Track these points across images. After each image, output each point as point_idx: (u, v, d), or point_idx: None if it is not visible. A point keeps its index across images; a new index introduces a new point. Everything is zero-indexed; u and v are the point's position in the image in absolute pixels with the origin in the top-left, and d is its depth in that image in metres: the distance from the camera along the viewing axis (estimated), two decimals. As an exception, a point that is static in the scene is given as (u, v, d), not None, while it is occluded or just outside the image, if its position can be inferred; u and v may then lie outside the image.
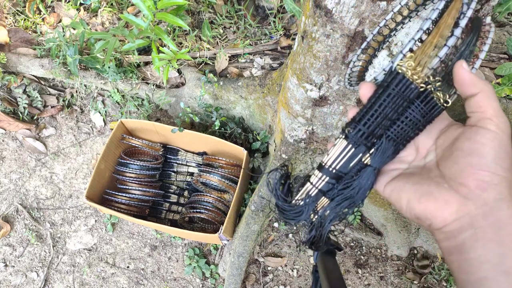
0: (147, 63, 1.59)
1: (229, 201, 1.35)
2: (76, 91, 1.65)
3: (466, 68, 0.31)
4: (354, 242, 1.42)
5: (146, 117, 1.57)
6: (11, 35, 1.63)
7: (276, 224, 1.45)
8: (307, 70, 0.79)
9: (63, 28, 1.66)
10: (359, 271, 1.38)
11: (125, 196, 1.33)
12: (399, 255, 1.39)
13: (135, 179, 1.36)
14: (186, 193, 1.49)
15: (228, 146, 1.32)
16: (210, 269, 1.40)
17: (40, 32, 1.66)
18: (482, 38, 0.34)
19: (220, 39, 1.55)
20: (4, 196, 1.55)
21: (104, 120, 1.64)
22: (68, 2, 1.70)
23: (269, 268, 1.41)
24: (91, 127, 1.65)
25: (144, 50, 1.60)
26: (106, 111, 1.64)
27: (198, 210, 1.34)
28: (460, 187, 0.30)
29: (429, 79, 0.33)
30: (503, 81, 1.02)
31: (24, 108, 1.59)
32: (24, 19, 1.69)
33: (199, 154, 1.49)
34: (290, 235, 1.45)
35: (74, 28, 1.49)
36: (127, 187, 1.35)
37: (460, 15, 0.32)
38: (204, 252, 1.45)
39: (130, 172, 1.36)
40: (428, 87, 0.33)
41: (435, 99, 0.34)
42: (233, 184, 1.38)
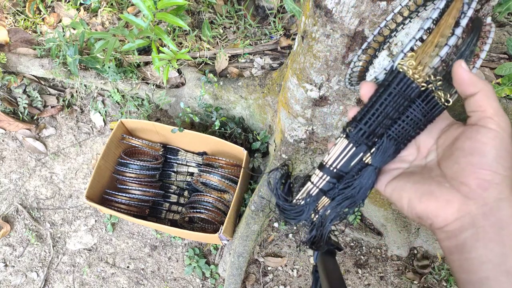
0: (147, 63, 1.59)
1: (229, 201, 1.35)
2: (76, 91, 1.65)
3: (465, 68, 0.31)
4: (354, 242, 1.42)
5: (146, 117, 1.57)
6: (11, 35, 1.63)
7: (276, 224, 1.44)
8: (307, 70, 0.79)
9: (63, 28, 1.66)
10: (359, 271, 1.38)
11: (125, 196, 1.33)
12: (399, 255, 1.39)
13: (135, 179, 1.36)
14: (186, 193, 1.49)
15: (228, 146, 1.32)
16: (210, 269, 1.40)
17: (40, 32, 1.66)
18: (483, 38, 0.34)
19: (220, 39, 1.55)
20: (4, 196, 1.54)
21: (104, 120, 1.64)
22: (68, 2, 1.70)
23: (269, 268, 1.41)
24: (91, 127, 1.65)
25: (144, 50, 1.60)
26: (106, 111, 1.64)
27: (198, 210, 1.34)
28: (461, 187, 0.30)
29: (430, 78, 0.33)
30: (503, 81, 1.02)
31: (24, 108, 1.59)
32: (24, 19, 1.69)
33: (199, 154, 1.49)
34: (290, 235, 1.45)
35: (74, 28, 1.49)
36: (127, 187, 1.35)
37: (460, 14, 0.32)
38: (204, 252, 1.45)
39: (130, 172, 1.36)
40: (429, 86, 0.33)
41: (436, 98, 0.33)
42: (233, 184, 1.38)
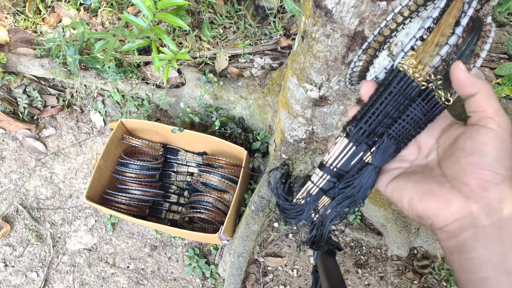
0: (147, 63, 1.59)
1: (229, 201, 1.35)
2: (76, 91, 1.65)
3: (463, 69, 0.31)
4: (354, 242, 1.42)
5: (146, 117, 1.57)
6: (11, 35, 1.63)
7: (276, 224, 1.44)
8: (307, 70, 0.79)
9: (63, 28, 1.65)
10: (359, 271, 1.38)
11: (125, 196, 1.33)
12: (399, 255, 1.39)
13: (135, 179, 1.36)
14: (186, 193, 1.49)
15: (228, 146, 1.32)
16: (210, 269, 1.40)
17: (40, 32, 1.66)
18: (483, 38, 0.34)
19: (220, 39, 1.55)
20: (4, 196, 1.54)
21: (104, 120, 1.64)
22: (68, 2, 1.70)
23: (269, 268, 1.41)
24: (91, 127, 1.65)
25: (144, 50, 1.60)
26: (106, 111, 1.64)
27: (198, 210, 1.34)
28: (461, 187, 0.30)
29: (430, 77, 0.33)
30: (503, 81, 1.02)
31: (24, 108, 1.59)
32: (24, 19, 1.69)
33: (199, 154, 1.49)
34: (290, 235, 1.45)
35: (74, 28, 1.49)
36: (127, 187, 1.35)
37: (461, 14, 0.32)
38: (204, 252, 1.45)
39: (130, 172, 1.36)
40: (430, 85, 0.33)
41: (436, 97, 0.33)
42: (233, 184, 1.38)
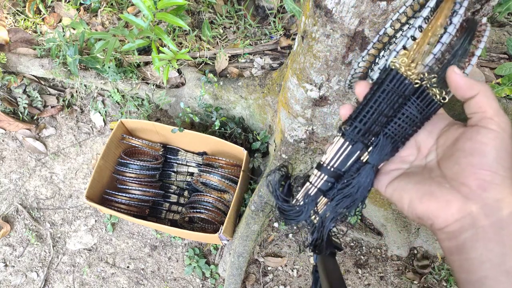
0: (147, 63, 1.59)
1: (229, 201, 1.35)
2: (76, 91, 1.65)
3: (458, 73, 0.31)
4: (354, 242, 1.42)
5: (146, 117, 1.57)
6: (11, 35, 1.63)
7: (276, 224, 1.44)
8: (307, 70, 0.79)
9: (63, 28, 1.65)
10: (359, 271, 1.38)
11: (125, 196, 1.33)
12: (399, 255, 1.39)
13: (135, 179, 1.36)
14: (186, 193, 1.49)
15: (228, 146, 1.32)
16: (210, 269, 1.40)
17: (40, 32, 1.66)
18: (478, 37, 0.34)
19: (220, 39, 1.55)
20: (4, 196, 1.55)
21: (104, 120, 1.64)
22: (68, 2, 1.70)
23: (269, 268, 1.41)
24: (91, 127, 1.65)
25: (144, 50, 1.60)
26: (106, 111, 1.64)
27: (198, 210, 1.34)
28: (461, 187, 0.30)
29: (424, 75, 0.33)
30: (503, 81, 1.02)
31: (24, 108, 1.59)
32: (24, 19, 1.69)
33: (199, 154, 1.49)
34: (290, 235, 1.45)
35: (74, 28, 1.49)
36: (127, 187, 1.35)
37: (453, 13, 0.32)
38: (204, 252, 1.45)
39: (130, 172, 1.36)
40: (423, 83, 0.33)
41: (431, 95, 0.34)
42: (233, 184, 1.38)
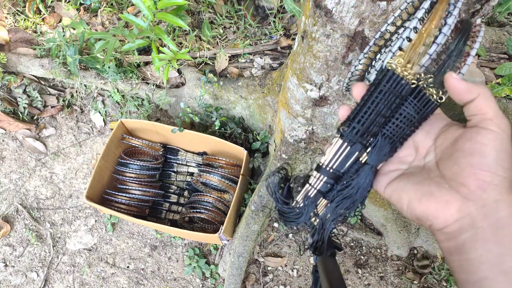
0: (147, 63, 1.59)
1: (229, 201, 1.35)
2: (76, 91, 1.65)
3: (456, 78, 0.32)
4: (354, 242, 1.42)
5: (146, 117, 1.57)
6: (11, 35, 1.63)
7: (276, 224, 1.45)
8: (307, 70, 0.79)
9: (63, 28, 1.66)
10: (359, 271, 1.38)
11: (125, 196, 1.33)
12: (399, 255, 1.39)
13: (135, 179, 1.36)
14: (186, 193, 1.49)
15: (228, 146, 1.32)
16: (210, 269, 1.40)
17: (40, 32, 1.66)
18: (473, 38, 0.34)
19: (220, 39, 1.55)
20: (4, 196, 1.55)
21: (104, 120, 1.64)
22: (68, 2, 1.70)
23: (269, 268, 1.41)
24: (91, 127, 1.65)
25: (144, 50, 1.60)
26: (106, 111, 1.64)
27: (198, 210, 1.34)
28: (460, 188, 0.30)
29: (420, 76, 0.33)
30: (503, 81, 1.02)
31: (24, 108, 1.59)
32: (24, 19, 1.69)
33: (199, 154, 1.49)
34: (290, 235, 1.45)
35: (74, 28, 1.49)
36: (127, 187, 1.35)
37: (447, 14, 0.33)
38: (204, 252, 1.45)
39: (130, 172, 1.36)
40: (420, 83, 0.33)
41: (428, 95, 0.34)
42: (233, 184, 1.38)
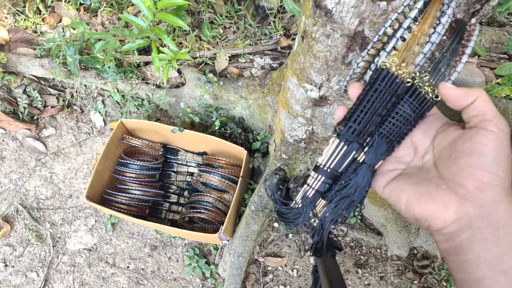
0: (147, 63, 1.59)
1: (229, 201, 1.35)
2: (76, 91, 1.65)
3: (451, 86, 0.32)
4: (354, 242, 1.42)
5: (146, 117, 1.57)
6: (11, 35, 1.63)
7: (276, 224, 1.45)
8: (307, 70, 0.79)
9: (63, 28, 1.66)
10: (359, 271, 1.38)
11: (125, 196, 1.33)
12: (399, 255, 1.39)
13: (135, 179, 1.36)
14: (186, 193, 1.49)
15: (228, 146, 1.32)
16: (210, 269, 1.40)
17: (40, 32, 1.66)
18: (468, 36, 0.34)
19: (220, 39, 1.55)
20: (4, 196, 1.55)
21: (104, 120, 1.64)
22: (68, 2, 1.70)
23: (269, 268, 1.41)
24: (91, 127, 1.65)
25: (144, 50, 1.60)
26: (106, 111, 1.64)
27: (198, 210, 1.34)
28: (458, 188, 0.30)
29: (415, 74, 0.33)
30: (503, 81, 1.02)
31: (24, 108, 1.59)
32: (24, 19, 1.69)
33: (199, 154, 1.49)
34: (290, 235, 1.45)
35: (74, 28, 1.49)
36: (127, 187, 1.35)
37: (441, 13, 0.33)
38: (204, 252, 1.45)
39: (130, 172, 1.36)
40: (415, 82, 0.33)
41: (424, 93, 0.34)
42: (233, 184, 1.38)
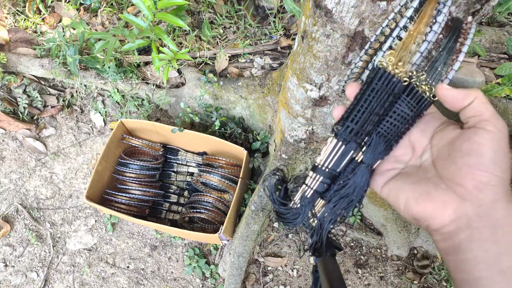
0: (147, 63, 1.59)
1: (229, 201, 1.35)
2: (76, 91, 1.65)
3: (448, 88, 0.32)
4: (354, 242, 1.42)
5: (146, 117, 1.57)
6: (11, 35, 1.63)
7: (276, 224, 1.45)
8: (307, 70, 0.79)
9: (63, 28, 1.66)
10: (359, 271, 1.38)
11: (125, 196, 1.33)
12: (399, 255, 1.39)
13: (135, 179, 1.36)
14: (186, 193, 1.49)
15: (228, 146, 1.32)
16: (210, 269, 1.40)
17: (40, 32, 1.66)
18: (464, 35, 0.34)
19: (220, 39, 1.55)
20: (4, 196, 1.55)
21: (104, 120, 1.64)
22: (68, 2, 1.70)
23: (269, 268, 1.41)
24: (91, 127, 1.65)
25: (144, 50, 1.60)
26: (106, 111, 1.64)
27: (198, 210, 1.34)
28: (457, 188, 0.30)
29: (412, 73, 0.33)
30: (503, 81, 1.02)
31: (24, 108, 1.59)
32: (24, 19, 1.69)
33: (199, 154, 1.49)
34: (290, 235, 1.45)
35: (74, 28, 1.49)
36: (127, 187, 1.35)
37: (437, 12, 0.33)
38: (204, 252, 1.45)
39: (130, 172, 1.36)
40: (412, 80, 0.34)
41: (421, 92, 0.34)
42: (233, 184, 1.38)
